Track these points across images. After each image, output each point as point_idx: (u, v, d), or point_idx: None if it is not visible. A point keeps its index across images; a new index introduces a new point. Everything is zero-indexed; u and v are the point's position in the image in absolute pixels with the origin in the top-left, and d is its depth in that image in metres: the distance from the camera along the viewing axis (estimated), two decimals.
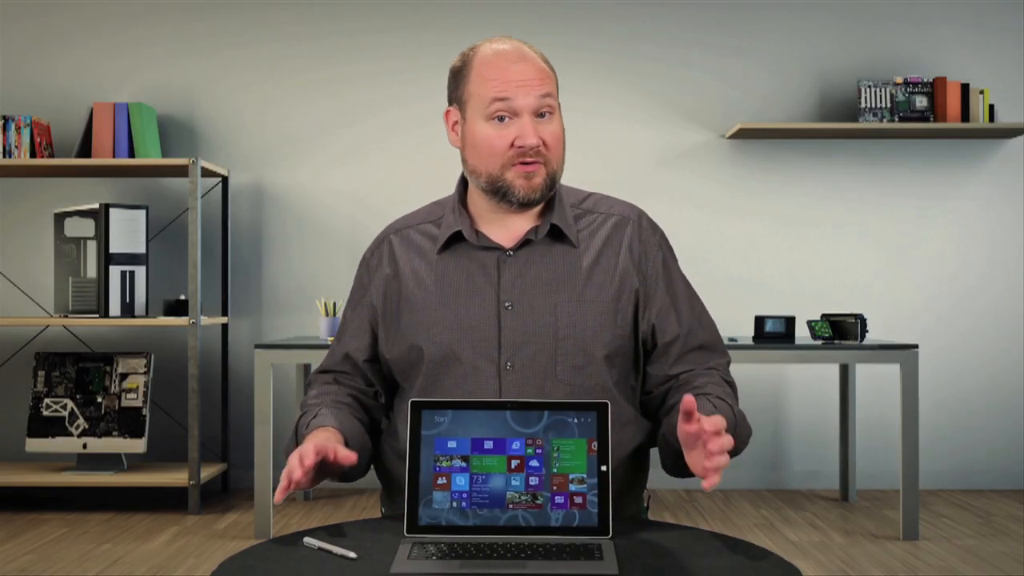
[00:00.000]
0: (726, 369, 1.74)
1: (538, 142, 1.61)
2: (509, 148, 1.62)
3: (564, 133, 1.68)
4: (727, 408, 1.62)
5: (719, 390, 1.66)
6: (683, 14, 4.70)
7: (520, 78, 1.61)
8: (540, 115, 1.63)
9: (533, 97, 1.61)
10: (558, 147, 1.65)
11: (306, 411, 1.69)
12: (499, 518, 1.43)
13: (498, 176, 1.64)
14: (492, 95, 1.62)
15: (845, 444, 4.42)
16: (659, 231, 1.76)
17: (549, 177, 1.65)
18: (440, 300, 1.67)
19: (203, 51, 4.70)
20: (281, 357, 3.79)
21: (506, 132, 1.62)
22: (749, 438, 1.66)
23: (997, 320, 4.70)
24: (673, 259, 1.76)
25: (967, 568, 3.36)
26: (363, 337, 1.75)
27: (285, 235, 4.70)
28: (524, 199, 1.64)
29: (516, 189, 1.63)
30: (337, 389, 1.73)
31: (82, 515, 4.13)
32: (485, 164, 1.64)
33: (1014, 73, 4.68)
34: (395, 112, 4.70)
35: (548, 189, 1.65)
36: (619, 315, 1.67)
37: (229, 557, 1.38)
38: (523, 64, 1.63)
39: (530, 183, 1.63)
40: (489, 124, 1.63)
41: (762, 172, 4.69)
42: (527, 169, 1.62)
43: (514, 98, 1.61)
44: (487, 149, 1.64)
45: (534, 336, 1.64)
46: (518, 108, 1.61)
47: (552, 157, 1.64)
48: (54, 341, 4.65)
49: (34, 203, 4.69)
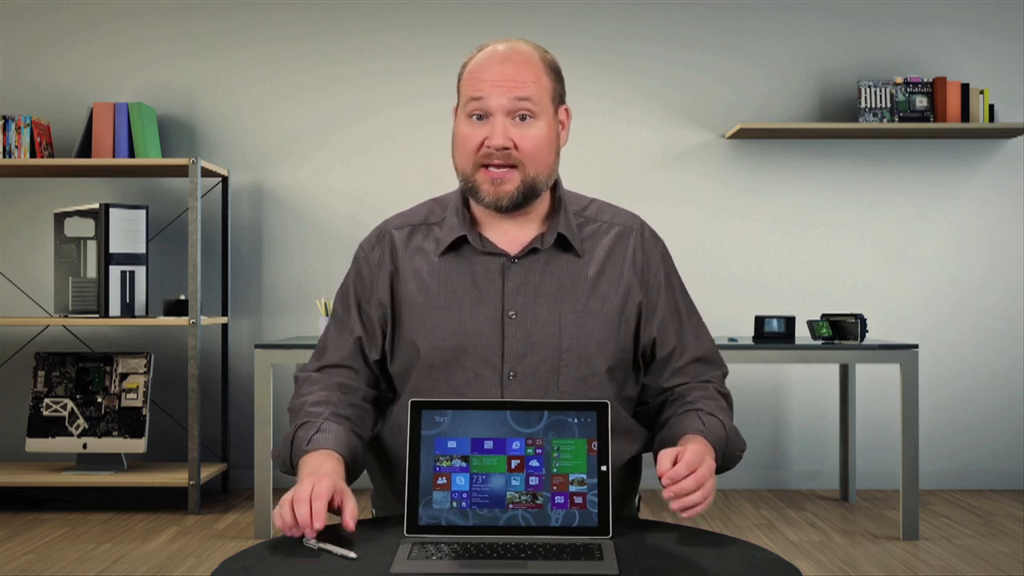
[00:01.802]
0: (722, 381, 1.73)
1: (505, 143, 1.58)
2: (479, 148, 1.60)
3: (555, 137, 1.64)
4: (717, 423, 1.60)
5: (712, 404, 1.64)
6: (683, 14, 4.70)
7: (496, 78, 1.59)
8: (520, 118, 1.59)
9: (506, 98, 1.58)
10: (537, 152, 1.60)
11: (306, 421, 1.60)
12: (499, 518, 1.43)
13: (469, 176, 1.62)
14: (470, 94, 1.61)
15: (845, 444, 4.42)
16: (661, 243, 1.75)
17: (524, 184, 1.60)
18: (443, 304, 1.65)
19: (203, 51, 4.70)
20: (281, 357, 3.79)
21: (478, 131, 1.60)
22: (743, 452, 1.65)
23: (997, 320, 4.70)
24: (674, 271, 1.75)
25: (967, 568, 3.36)
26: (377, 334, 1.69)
27: (285, 235, 4.70)
28: (491, 204, 1.61)
29: (483, 193, 1.61)
30: (339, 399, 1.65)
31: (82, 515, 4.13)
32: (460, 161, 1.63)
33: (1014, 73, 4.68)
34: (395, 112, 4.70)
35: (523, 196, 1.61)
36: (622, 327, 1.66)
37: (229, 557, 1.38)
38: (506, 65, 1.60)
39: (496, 189, 1.60)
40: (467, 122, 1.61)
41: (762, 172, 4.69)
42: (494, 175, 1.59)
43: (487, 98, 1.59)
44: (461, 146, 1.63)
45: (537, 346, 1.62)
46: (491, 108, 1.59)
47: (529, 162, 1.60)
48: (54, 341, 4.65)
49: (34, 203, 4.69)
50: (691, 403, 1.65)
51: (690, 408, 1.63)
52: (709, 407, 1.63)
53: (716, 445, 1.57)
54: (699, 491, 1.42)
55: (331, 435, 1.56)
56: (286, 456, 1.60)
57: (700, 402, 1.64)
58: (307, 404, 1.64)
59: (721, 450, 1.59)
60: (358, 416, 1.65)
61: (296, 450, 1.57)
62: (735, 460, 1.64)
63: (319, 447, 1.54)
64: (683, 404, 1.66)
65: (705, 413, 1.61)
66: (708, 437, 1.57)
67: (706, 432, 1.57)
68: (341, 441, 1.56)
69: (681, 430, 1.60)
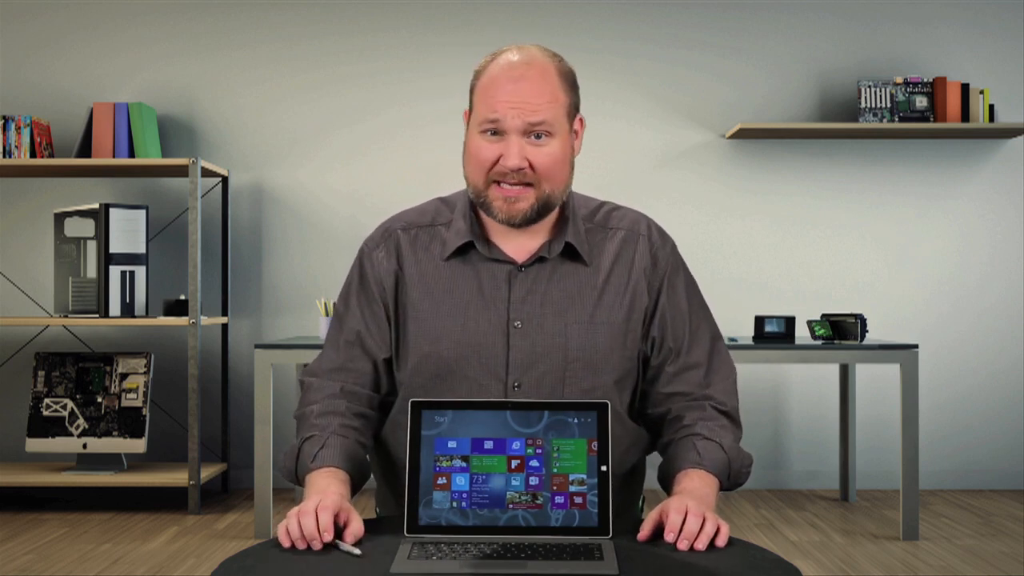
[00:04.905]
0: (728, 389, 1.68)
1: (521, 164, 1.56)
2: (493, 165, 1.58)
3: (570, 153, 1.62)
4: (715, 448, 1.58)
5: (710, 425, 1.61)
6: (683, 14, 4.70)
7: (513, 99, 1.56)
8: (536, 136, 1.57)
9: (522, 121, 1.56)
10: (553, 170, 1.59)
11: (312, 435, 1.59)
12: (499, 518, 1.43)
13: (482, 191, 1.60)
14: (485, 114, 1.58)
15: (845, 444, 4.42)
16: (670, 241, 1.72)
17: (539, 201, 1.59)
18: (447, 311, 1.63)
19: (203, 51, 4.70)
20: (281, 357, 3.79)
21: (494, 147, 1.58)
22: (750, 467, 1.62)
23: (997, 320, 4.70)
24: (680, 270, 1.72)
25: (967, 568, 3.36)
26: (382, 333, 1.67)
27: (285, 235, 4.70)
28: (505, 221, 1.60)
29: (496, 210, 1.60)
30: (345, 407, 1.63)
31: (82, 515, 4.13)
32: (472, 175, 1.61)
33: (1014, 73, 4.68)
34: (395, 112, 4.70)
35: (538, 213, 1.60)
36: (629, 336, 1.64)
37: (229, 557, 1.38)
38: (521, 84, 1.57)
39: (511, 207, 1.59)
40: (482, 136, 1.59)
41: (762, 172, 4.69)
42: (507, 193, 1.58)
43: (503, 119, 1.56)
44: (474, 160, 1.60)
45: (543, 357, 1.61)
46: (507, 128, 1.56)
47: (545, 180, 1.58)
48: (54, 341, 4.65)
49: (34, 203, 4.69)
50: (688, 426, 1.62)
51: (687, 433, 1.61)
52: (707, 430, 1.60)
53: (717, 472, 1.56)
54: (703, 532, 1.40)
55: (336, 450, 1.56)
56: (291, 467, 1.60)
57: (698, 424, 1.61)
58: (312, 415, 1.63)
59: (724, 474, 1.58)
60: (364, 424, 1.65)
61: (302, 465, 1.58)
62: (743, 477, 1.61)
63: (324, 464, 1.55)
64: (681, 428, 1.63)
65: (702, 439, 1.59)
66: (705, 467, 1.56)
67: (702, 462, 1.56)
68: (346, 456, 1.56)
69: (678, 463, 1.58)
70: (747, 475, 1.62)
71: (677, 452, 1.60)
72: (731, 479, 1.59)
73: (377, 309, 1.68)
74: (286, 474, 1.62)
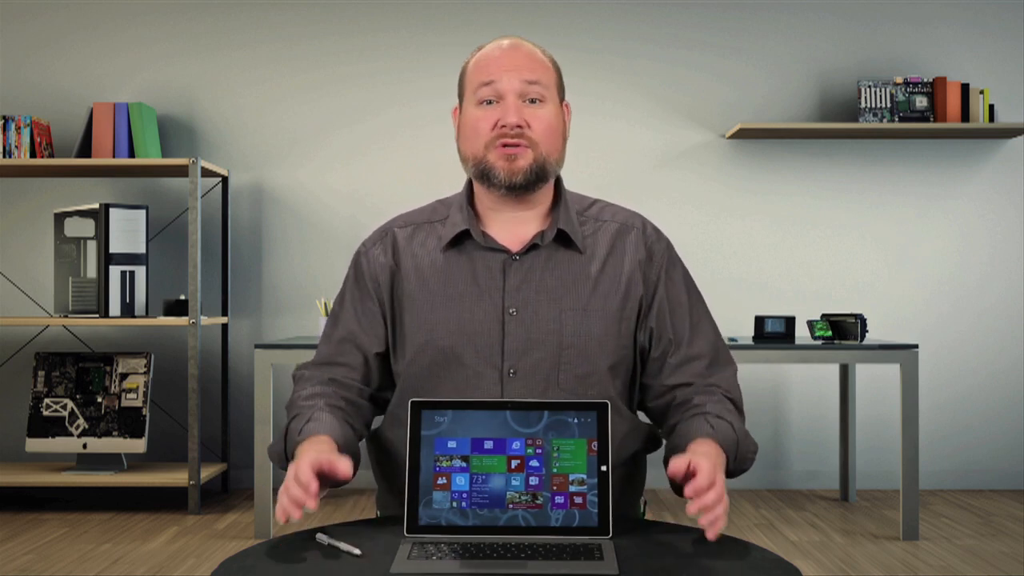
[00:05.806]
0: (731, 381, 1.70)
1: (519, 121, 1.61)
2: (492, 129, 1.63)
3: (562, 125, 1.67)
4: (727, 426, 1.59)
5: (720, 407, 1.62)
6: (683, 14, 4.70)
7: (507, 61, 1.63)
8: (531, 101, 1.63)
9: (518, 81, 1.62)
10: (548, 133, 1.64)
11: (298, 413, 1.62)
12: (499, 518, 1.43)
13: (482, 157, 1.64)
14: (480, 80, 1.64)
15: (845, 444, 4.42)
16: (664, 239, 1.74)
17: (536, 163, 1.63)
18: (443, 301, 1.65)
19: (203, 51, 4.70)
20: (281, 357, 3.79)
21: (491, 113, 1.63)
22: (755, 454, 1.63)
23: (997, 320, 4.70)
24: (676, 266, 1.73)
25: (967, 568, 3.36)
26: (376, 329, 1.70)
27: (285, 235, 4.70)
28: (506, 181, 1.62)
29: (497, 170, 1.62)
30: (332, 392, 1.67)
31: (82, 515, 4.13)
32: (471, 146, 1.65)
33: (1014, 73, 4.68)
34: (395, 112, 4.70)
35: (535, 175, 1.63)
36: (623, 324, 1.65)
37: (229, 557, 1.38)
38: (513, 52, 1.65)
39: (511, 165, 1.62)
40: (478, 108, 1.64)
41: (762, 172, 4.69)
42: (508, 151, 1.62)
43: (498, 80, 1.62)
44: (472, 131, 1.65)
45: (538, 344, 1.62)
46: (503, 91, 1.62)
47: (540, 141, 1.63)
48: (54, 341, 4.65)
49: (34, 203, 4.69)
50: (697, 406, 1.63)
51: (697, 412, 1.61)
52: (717, 410, 1.61)
53: (727, 448, 1.56)
54: (720, 504, 1.41)
55: (322, 423, 1.58)
56: (281, 450, 1.61)
57: (707, 405, 1.62)
58: (300, 399, 1.66)
59: (732, 453, 1.57)
60: (352, 409, 1.67)
61: (290, 443, 1.59)
62: (748, 463, 1.61)
63: (310, 435, 1.56)
64: (689, 408, 1.63)
65: (713, 416, 1.59)
66: (717, 439, 1.55)
67: (715, 435, 1.56)
68: (332, 427, 1.58)
69: (690, 435, 1.57)
70: (751, 462, 1.63)
71: (689, 427, 1.60)
72: (736, 461, 1.59)
73: (371, 305, 1.70)
74: (277, 460, 1.62)
